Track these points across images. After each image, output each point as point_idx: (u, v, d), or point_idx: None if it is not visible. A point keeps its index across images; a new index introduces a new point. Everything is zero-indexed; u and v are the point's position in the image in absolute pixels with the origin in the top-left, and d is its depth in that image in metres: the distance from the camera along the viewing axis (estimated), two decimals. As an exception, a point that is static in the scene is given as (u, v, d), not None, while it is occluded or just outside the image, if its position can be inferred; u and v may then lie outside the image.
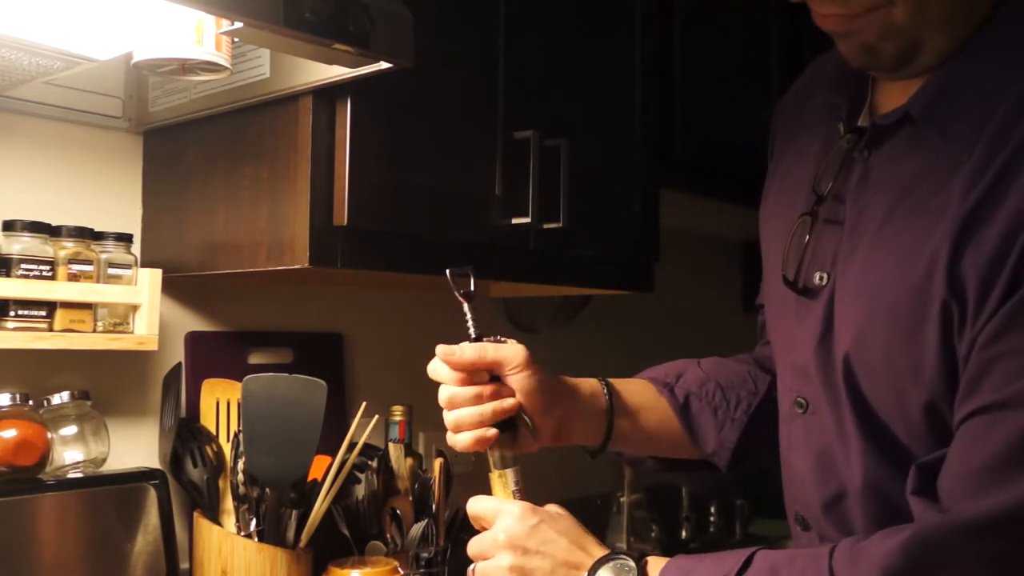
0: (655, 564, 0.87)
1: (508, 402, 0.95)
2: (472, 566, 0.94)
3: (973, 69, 0.81)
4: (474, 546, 0.93)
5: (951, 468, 0.75)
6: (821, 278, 0.89)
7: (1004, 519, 0.71)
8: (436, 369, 0.96)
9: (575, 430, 1.03)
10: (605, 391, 1.06)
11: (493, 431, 0.94)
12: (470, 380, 0.95)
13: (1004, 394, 0.72)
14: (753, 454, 1.09)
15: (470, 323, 0.96)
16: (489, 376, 0.96)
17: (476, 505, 0.95)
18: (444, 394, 0.95)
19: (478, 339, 0.96)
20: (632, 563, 0.87)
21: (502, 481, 0.96)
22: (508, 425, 0.96)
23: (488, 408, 0.94)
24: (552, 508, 0.94)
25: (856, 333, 0.84)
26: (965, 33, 0.82)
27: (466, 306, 0.97)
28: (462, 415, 0.94)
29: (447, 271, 0.97)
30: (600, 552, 0.89)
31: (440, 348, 0.95)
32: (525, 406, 0.96)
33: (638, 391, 1.10)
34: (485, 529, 0.93)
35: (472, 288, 0.98)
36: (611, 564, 0.87)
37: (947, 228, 0.77)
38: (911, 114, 0.83)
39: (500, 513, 0.92)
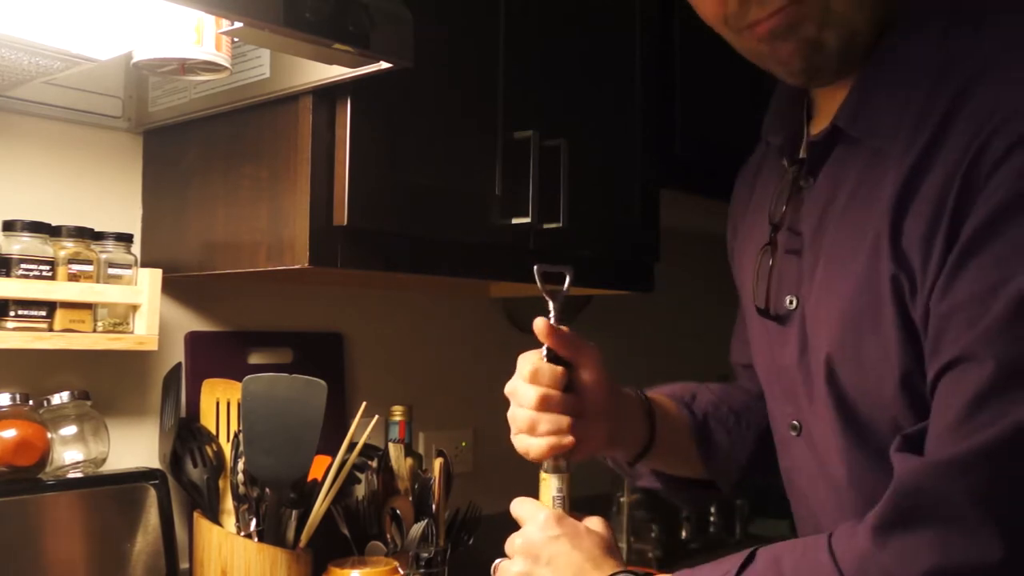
0: None
1: (586, 417, 0.95)
2: (497, 561, 0.95)
3: (888, 64, 0.83)
4: (507, 544, 0.94)
5: (931, 430, 0.76)
6: (791, 302, 0.92)
7: (983, 456, 0.71)
8: (538, 369, 0.94)
9: (622, 438, 1.04)
10: (643, 400, 1.08)
11: (570, 439, 0.93)
12: (564, 384, 0.94)
13: (962, 346, 0.73)
14: (755, 474, 1.13)
15: (553, 322, 0.96)
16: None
17: (514, 507, 0.96)
18: (537, 393, 0.93)
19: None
20: None
21: (547, 485, 0.95)
22: None
23: (568, 418, 0.93)
24: (590, 523, 0.94)
25: (828, 340, 0.86)
26: (881, 15, 0.84)
27: (551, 305, 0.97)
28: (548, 419, 0.93)
29: (536, 268, 0.96)
30: (612, 570, 0.89)
31: (541, 321, 0.94)
32: (593, 401, 0.97)
33: (666, 404, 1.12)
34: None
35: (564, 289, 0.98)
36: None
37: (884, 210, 0.79)
38: (839, 126, 0.86)
39: (529, 518, 0.93)
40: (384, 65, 0.99)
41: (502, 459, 0.97)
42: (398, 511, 1.36)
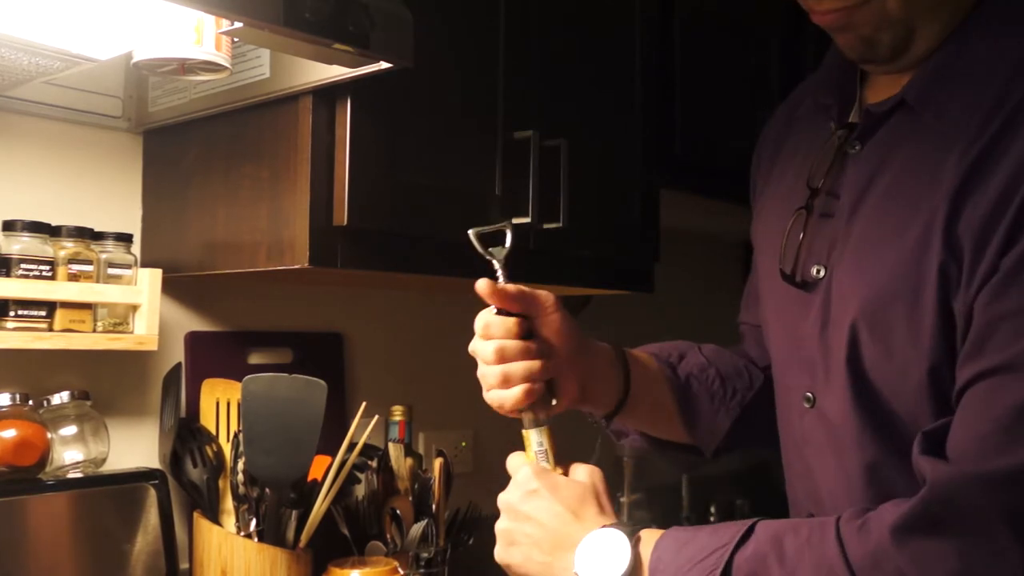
0: (648, 538, 0.84)
1: (554, 361, 0.95)
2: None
3: (965, 52, 0.83)
4: (498, 501, 0.94)
5: (958, 434, 0.75)
6: (818, 271, 0.90)
7: (1019, 474, 0.70)
8: (488, 322, 0.94)
9: (596, 391, 1.02)
10: (618, 354, 1.06)
11: (539, 384, 0.93)
12: (522, 333, 0.93)
13: (1007, 356, 0.72)
14: (738, 444, 1.10)
15: (501, 281, 0.95)
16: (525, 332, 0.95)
17: (508, 461, 0.95)
18: (492, 347, 0.93)
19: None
20: (625, 537, 0.83)
21: (528, 441, 0.95)
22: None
23: (537, 364, 0.93)
24: (576, 472, 0.92)
25: (855, 313, 0.84)
26: (955, 19, 0.85)
27: (496, 264, 0.95)
28: (512, 368, 0.92)
29: (470, 232, 0.95)
30: (596, 524, 0.87)
31: (483, 282, 0.93)
32: (559, 348, 0.96)
33: (646, 361, 1.10)
34: None
35: (506, 245, 0.97)
36: (598, 539, 0.85)
37: (943, 193, 0.78)
38: (906, 100, 0.85)
39: (513, 473, 0.93)
40: (384, 65, 0.99)
41: (502, 459, 0.96)
42: (398, 511, 1.36)
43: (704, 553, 0.81)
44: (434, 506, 1.36)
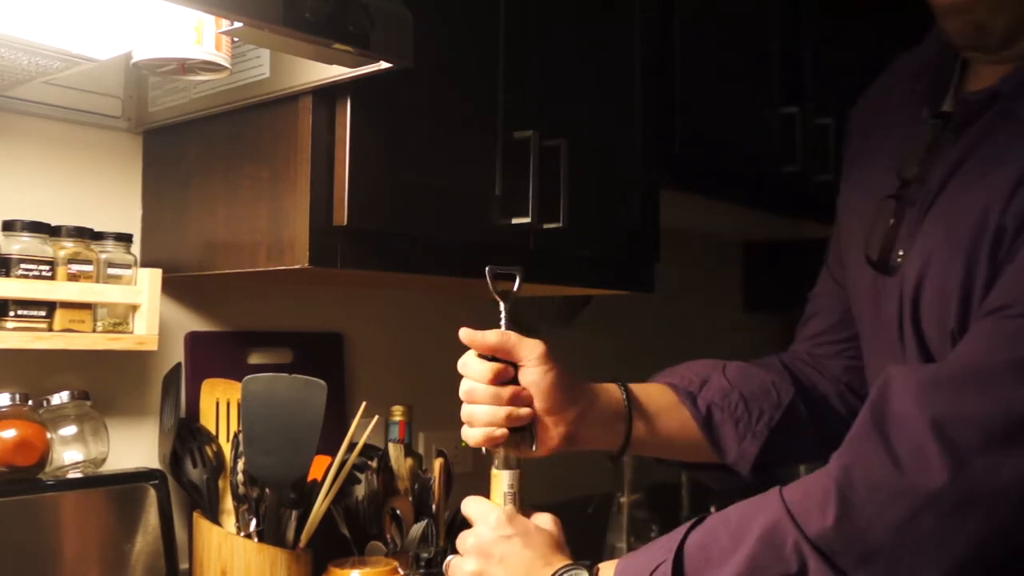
0: (607, 568, 0.90)
1: (523, 411, 0.96)
2: (449, 558, 0.97)
3: None
4: (458, 541, 0.97)
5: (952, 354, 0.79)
6: (900, 255, 0.92)
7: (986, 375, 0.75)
8: (466, 363, 0.97)
9: (591, 436, 1.04)
10: (624, 396, 1.07)
11: (502, 431, 0.95)
12: (495, 379, 0.95)
13: (1007, 299, 0.77)
14: (774, 463, 1.11)
15: (503, 324, 0.98)
16: (513, 374, 0.97)
17: (465, 505, 0.98)
18: (465, 387, 0.97)
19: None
20: (585, 571, 0.90)
21: (497, 481, 0.97)
22: (519, 429, 0.97)
23: (502, 412, 0.95)
24: (539, 520, 0.96)
25: (920, 267, 0.88)
26: None
27: (502, 306, 0.99)
28: (476, 411, 0.95)
29: (487, 269, 0.98)
30: (560, 564, 0.92)
31: (464, 331, 0.96)
32: (539, 402, 0.97)
33: (658, 395, 1.11)
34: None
35: (514, 289, 1.00)
36: (566, 573, 0.90)
37: (1007, 181, 0.81)
38: (1001, 90, 0.87)
39: (481, 517, 0.95)
40: (384, 65, 0.99)
41: (502, 459, 0.97)
42: (398, 511, 1.36)
43: (659, 546, 0.87)
44: (434, 506, 1.36)
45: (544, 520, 0.97)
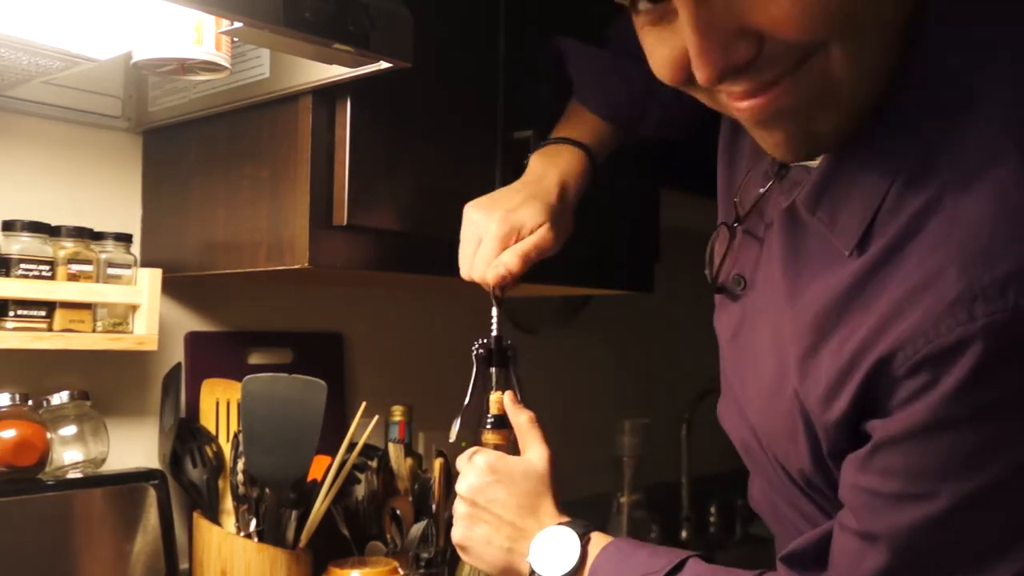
0: (597, 540, 0.90)
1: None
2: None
3: (860, 154, 0.71)
4: (456, 486, 0.98)
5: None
6: (739, 283, 0.89)
7: None
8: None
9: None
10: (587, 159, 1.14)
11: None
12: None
13: (870, 528, 0.72)
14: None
15: (494, 325, 1.02)
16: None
17: (458, 459, 1.00)
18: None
19: (498, 340, 1.02)
20: (576, 536, 0.89)
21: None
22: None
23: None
24: (529, 458, 0.97)
25: (755, 356, 0.84)
26: (879, 88, 0.68)
27: (495, 307, 1.02)
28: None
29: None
30: (551, 521, 0.92)
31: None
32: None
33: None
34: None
35: (507, 292, 1.03)
36: (552, 536, 0.90)
37: (808, 323, 0.74)
38: (796, 205, 0.76)
39: (466, 463, 0.97)
40: (384, 65, 0.99)
41: (502, 459, 0.97)
42: (398, 511, 1.36)
43: (633, 570, 0.86)
44: (434, 506, 1.36)
45: (534, 459, 0.97)
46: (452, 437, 1.03)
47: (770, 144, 0.72)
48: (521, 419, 1.00)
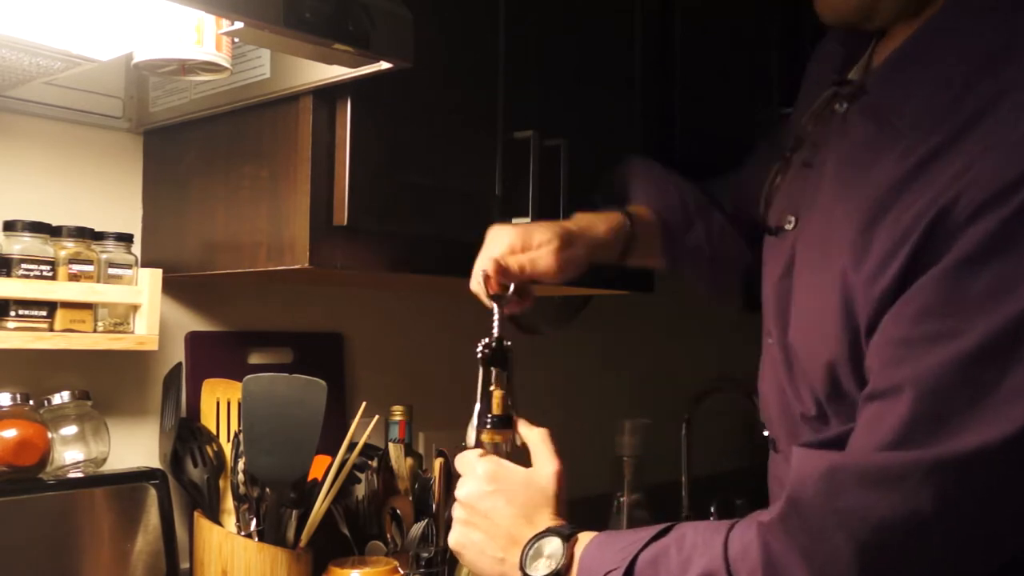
0: (583, 539, 0.91)
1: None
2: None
3: (933, 45, 0.81)
4: (456, 491, 0.99)
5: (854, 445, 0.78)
6: (790, 221, 0.92)
7: (895, 472, 0.72)
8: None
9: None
10: (627, 222, 1.14)
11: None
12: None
13: (895, 380, 0.74)
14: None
15: (495, 326, 1.02)
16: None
17: (457, 460, 1.01)
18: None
19: (499, 342, 1.03)
20: (559, 541, 0.90)
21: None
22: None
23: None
24: (539, 465, 0.97)
25: (800, 283, 0.88)
26: None
27: (495, 308, 1.03)
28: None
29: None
30: (544, 527, 0.93)
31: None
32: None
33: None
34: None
35: (508, 294, 1.05)
36: (538, 543, 0.91)
37: (873, 195, 0.79)
38: (866, 87, 0.85)
39: (468, 469, 0.98)
40: (384, 65, 0.99)
41: (502, 459, 0.97)
42: (398, 511, 1.36)
43: (621, 544, 0.87)
44: (434, 506, 1.37)
45: (543, 466, 0.97)
46: (470, 442, 1.02)
47: (842, 9, 0.84)
48: (534, 435, 0.99)
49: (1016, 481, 0.70)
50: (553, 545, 0.90)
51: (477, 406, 1.03)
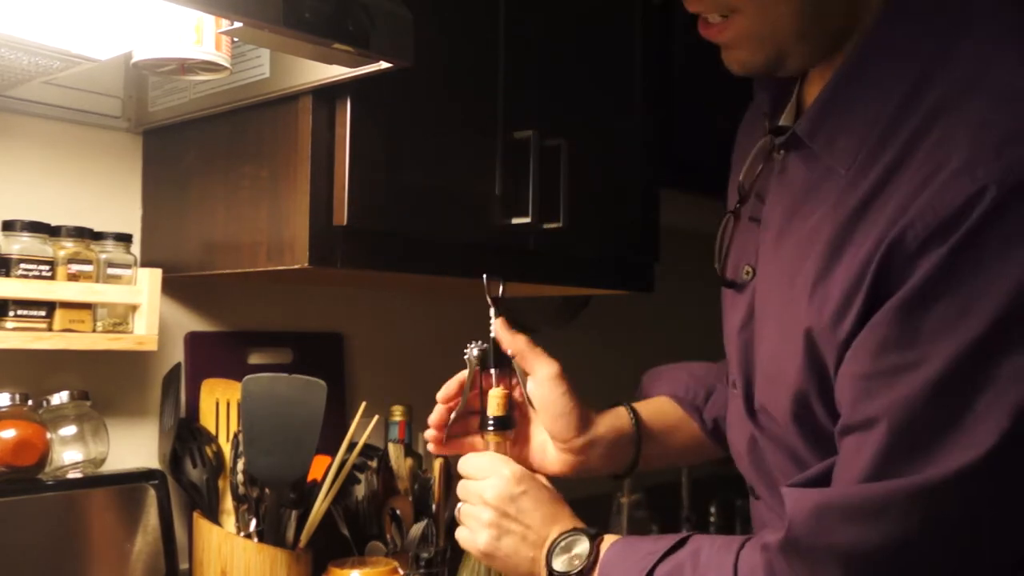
0: (607, 540, 0.93)
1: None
2: (459, 506, 1.01)
3: (857, 83, 0.82)
4: (463, 490, 1.00)
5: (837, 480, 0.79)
6: (747, 272, 0.94)
7: (880, 503, 0.74)
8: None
9: (599, 463, 1.08)
10: (632, 420, 1.10)
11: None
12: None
13: (867, 413, 0.75)
14: None
15: (493, 327, 1.03)
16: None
17: (468, 460, 1.01)
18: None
19: (494, 344, 1.04)
20: (586, 540, 0.93)
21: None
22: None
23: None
24: (540, 479, 1.00)
25: (761, 333, 0.90)
26: (825, 43, 0.83)
27: (492, 310, 1.04)
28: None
29: (484, 276, 1.04)
30: (569, 526, 0.96)
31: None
32: (547, 423, 1.04)
33: (665, 412, 1.14)
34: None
35: (500, 294, 1.05)
36: (567, 540, 0.94)
37: (821, 244, 0.80)
38: (797, 133, 0.85)
39: (494, 471, 0.98)
40: (384, 65, 0.99)
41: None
42: (398, 511, 1.36)
43: (638, 556, 0.89)
44: (434, 506, 1.36)
45: (543, 479, 1.01)
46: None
47: (724, 60, 0.88)
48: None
49: (994, 499, 0.72)
50: (582, 545, 0.93)
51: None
